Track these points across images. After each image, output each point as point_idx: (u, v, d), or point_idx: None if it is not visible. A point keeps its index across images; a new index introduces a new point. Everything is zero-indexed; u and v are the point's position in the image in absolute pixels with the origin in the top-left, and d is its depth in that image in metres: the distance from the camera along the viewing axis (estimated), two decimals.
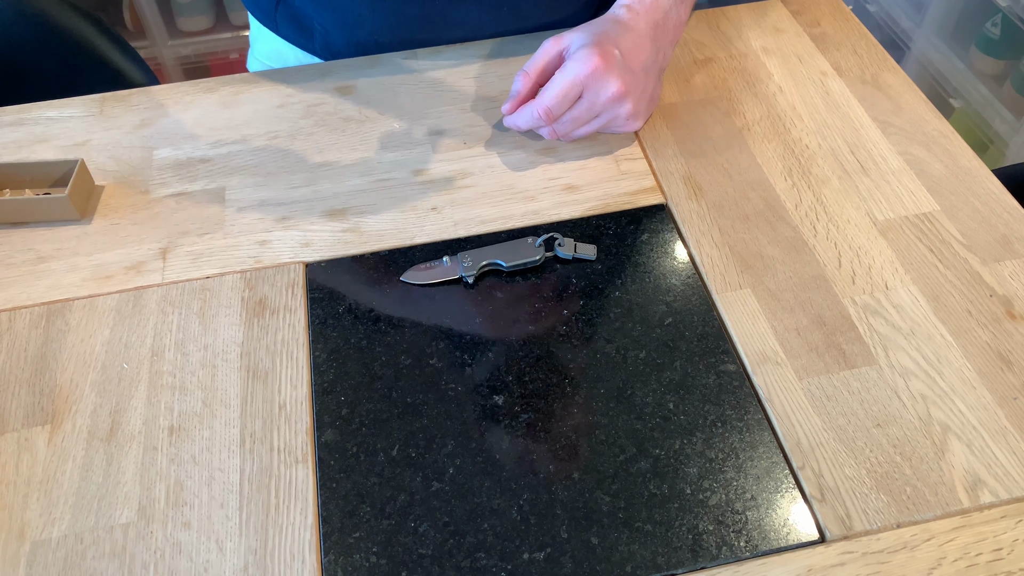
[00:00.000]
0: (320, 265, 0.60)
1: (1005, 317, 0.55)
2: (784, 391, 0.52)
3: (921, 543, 0.46)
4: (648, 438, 0.50)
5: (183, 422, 0.52)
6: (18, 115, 0.72)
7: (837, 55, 0.75)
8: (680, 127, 0.69)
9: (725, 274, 0.58)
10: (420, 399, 0.52)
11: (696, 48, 0.77)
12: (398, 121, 0.70)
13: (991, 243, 0.59)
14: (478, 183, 0.65)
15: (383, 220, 0.63)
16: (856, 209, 0.62)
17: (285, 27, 0.82)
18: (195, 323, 0.56)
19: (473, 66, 0.75)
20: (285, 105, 0.72)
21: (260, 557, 0.46)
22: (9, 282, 0.59)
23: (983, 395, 0.51)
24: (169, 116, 0.71)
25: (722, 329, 0.55)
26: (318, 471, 0.49)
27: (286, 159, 0.67)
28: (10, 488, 0.49)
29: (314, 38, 0.80)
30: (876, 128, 0.68)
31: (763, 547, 0.46)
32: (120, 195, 0.65)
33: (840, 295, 0.57)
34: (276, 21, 0.82)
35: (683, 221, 0.62)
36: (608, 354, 0.54)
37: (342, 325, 0.56)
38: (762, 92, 0.72)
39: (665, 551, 0.46)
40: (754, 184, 0.64)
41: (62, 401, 0.53)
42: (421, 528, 0.47)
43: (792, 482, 0.48)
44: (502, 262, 0.58)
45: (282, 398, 0.53)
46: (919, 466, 0.48)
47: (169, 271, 0.60)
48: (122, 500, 0.48)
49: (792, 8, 0.80)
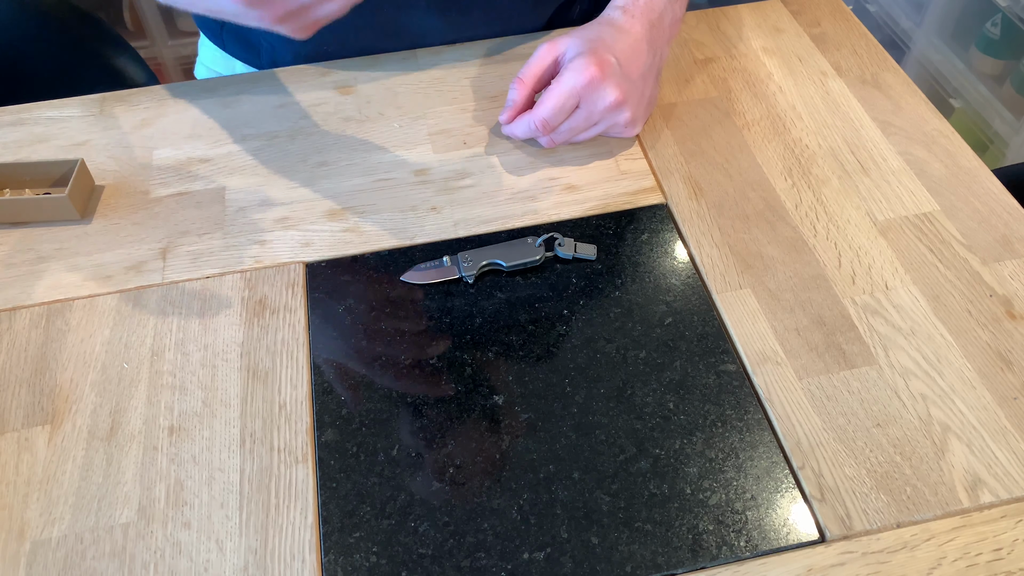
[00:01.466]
0: (320, 265, 0.60)
1: (1005, 317, 0.55)
2: (784, 391, 0.52)
3: (921, 543, 0.46)
4: (648, 438, 0.50)
5: (183, 422, 0.52)
6: (18, 115, 0.72)
7: (837, 55, 0.75)
8: (680, 127, 0.69)
9: (725, 274, 0.58)
10: (420, 399, 0.52)
11: (696, 48, 0.77)
12: (398, 121, 0.70)
13: (991, 243, 0.59)
14: (478, 183, 0.65)
15: (383, 220, 0.63)
16: (856, 209, 0.62)
17: (232, 45, 0.81)
18: (195, 323, 0.56)
19: (473, 66, 0.75)
20: (285, 105, 0.72)
21: (260, 557, 0.46)
22: (9, 282, 0.59)
23: (983, 395, 0.51)
24: (169, 116, 0.71)
25: (722, 329, 0.55)
26: (318, 471, 0.49)
27: (286, 159, 0.67)
28: (10, 488, 0.49)
29: (260, 54, 0.80)
30: (876, 128, 0.68)
31: (763, 547, 0.46)
32: (120, 195, 0.65)
33: (840, 295, 0.57)
34: (223, 39, 0.81)
35: (683, 221, 0.62)
36: (608, 354, 0.54)
37: (342, 325, 0.56)
38: (762, 92, 0.72)
39: (665, 551, 0.46)
40: (754, 184, 0.64)
41: (62, 401, 0.53)
42: (421, 528, 0.47)
43: (792, 482, 0.48)
44: (502, 262, 0.58)
45: (282, 398, 0.53)
46: (919, 466, 0.48)
47: (169, 271, 0.60)
48: (122, 500, 0.48)
49: (792, 8, 0.80)
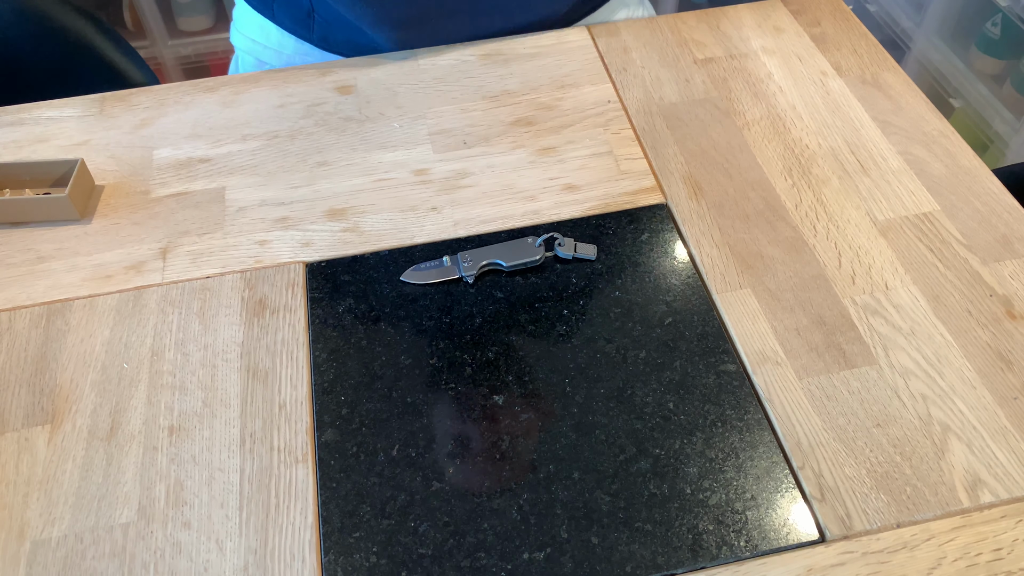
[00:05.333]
0: (320, 265, 0.60)
1: (1005, 317, 0.55)
2: (784, 391, 0.52)
3: (921, 543, 0.46)
4: (648, 438, 0.50)
5: (183, 422, 0.52)
6: (18, 115, 0.72)
7: (837, 55, 0.75)
8: (680, 127, 0.69)
9: (725, 274, 0.58)
10: (420, 399, 0.52)
11: (696, 48, 0.77)
12: (398, 121, 0.70)
13: (991, 243, 0.59)
14: (478, 183, 0.65)
15: (383, 220, 0.63)
16: (856, 209, 0.62)
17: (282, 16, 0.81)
18: (195, 323, 0.56)
19: (473, 66, 0.75)
20: (285, 105, 0.72)
21: (260, 557, 0.46)
22: (9, 282, 0.59)
23: (983, 395, 0.51)
24: (169, 116, 0.71)
25: (722, 329, 0.55)
26: (318, 471, 0.49)
27: (286, 159, 0.67)
28: (10, 488, 0.49)
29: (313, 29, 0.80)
30: (876, 128, 0.68)
31: (763, 547, 0.46)
32: (120, 195, 0.65)
33: (840, 295, 0.57)
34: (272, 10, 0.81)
35: (683, 221, 0.62)
36: (608, 354, 0.54)
37: (342, 325, 0.56)
38: (762, 92, 0.72)
39: (665, 551, 0.46)
40: (754, 184, 0.64)
41: (62, 401, 0.53)
42: (421, 528, 0.47)
43: (792, 482, 0.48)
44: (502, 262, 0.58)
45: (282, 398, 0.53)
46: (919, 466, 0.48)
47: (169, 271, 0.60)
48: (122, 500, 0.48)
49: (792, 8, 0.80)
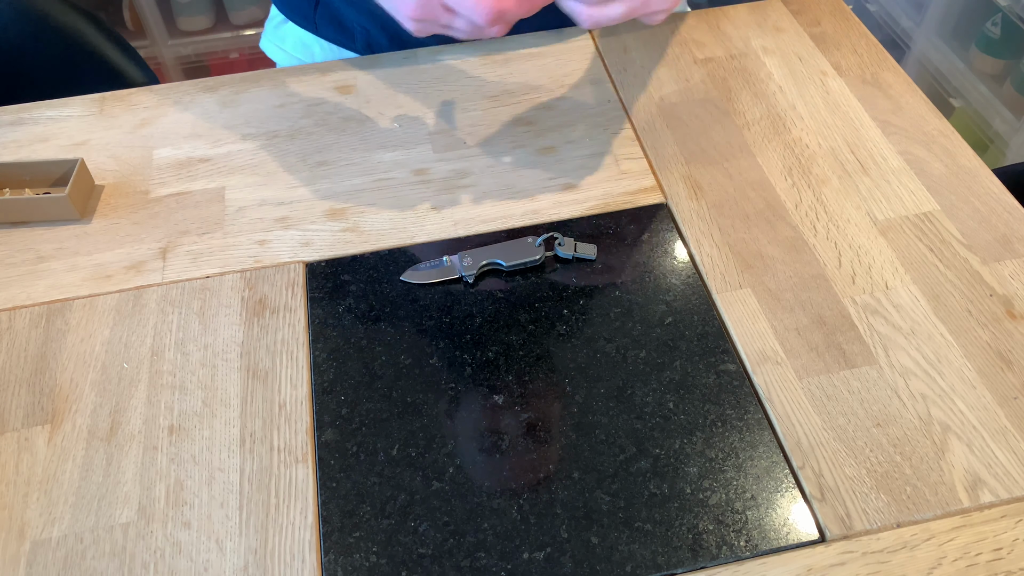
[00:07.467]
0: (320, 265, 0.60)
1: (1005, 317, 0.55)
2: (784, 391, 0.52)
3: (921, 543, 0.46)
4: (648, 438, 0.50)
5: (183, 422, 0.52)
6: (18, 115, 0.72)
7: (837, 55, 0.75)
8: (680, 127, 0.69)
9: (725, 274, 0.58)
10: (420, 399, 0.52)
11: (696, 48, 0.77)
12: (398, 121, 0.70)
13: (991, 243, 0.59)
14: (478, 183, 0.65)
15: (383, 220, 0.63)
16: (856, 209, 0.62)
17: (325, 28, 0.81)
18: (195, 323, 0.56)
19: (473, 65, 0.75)
20: (285, 105, 0.72)
21: (260, 557, 0.46)
22: (9, 282, 0.59)
23: (983, 395, 0.51)
24: (169, 116, 0.71)
25: (722, 329, 0.55)
26: (318, 471, 0.49)
27: (286, 159, 0.67)
28: (10, 488, 0.49)
29: (355, 38, 0.80)
30: (876, 128, 0.68)
31: (763, 547, 0.46)
32: (120, 195, 0.65)
33: (840, 295, 0.57)
34: (315, 23, 0.81)
35: (683, 221, 0.62)
36: (608, 354, 0.54)
37: (342, 325, 0.56)
38: (762, 92, 0.72)
39: (665, 551, 0.46)
40: (754, 184, 0.64)
41: (62, 401, 0.53)
42: (421, 528, 0.47)
43: (792, 482, 0.48)
44: (502, 262, 0.58)
45: (282, 398, 0.53)
46: (919, 466, 0.48)
47: (169, 271, 0.60)
48: (122, 500, 0.48)
49: (792, 8, 0.80)
